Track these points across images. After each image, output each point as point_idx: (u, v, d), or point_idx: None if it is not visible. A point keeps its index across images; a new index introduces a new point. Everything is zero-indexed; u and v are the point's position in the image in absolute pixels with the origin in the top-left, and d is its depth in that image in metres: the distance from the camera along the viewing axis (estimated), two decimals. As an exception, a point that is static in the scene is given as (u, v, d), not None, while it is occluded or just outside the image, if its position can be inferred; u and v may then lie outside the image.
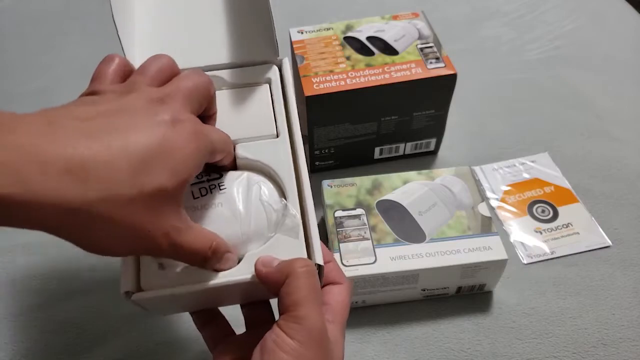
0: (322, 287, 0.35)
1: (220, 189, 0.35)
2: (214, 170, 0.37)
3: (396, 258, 0.51)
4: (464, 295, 0.55)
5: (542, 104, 0.75)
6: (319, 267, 0.33)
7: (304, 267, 0.31)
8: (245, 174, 0.37)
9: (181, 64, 0.34)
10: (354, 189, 0.57)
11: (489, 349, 0.51)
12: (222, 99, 0.40)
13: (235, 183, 0.36)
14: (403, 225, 0.54)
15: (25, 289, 0.58)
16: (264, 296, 0.38)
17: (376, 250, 0.52)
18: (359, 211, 0.55)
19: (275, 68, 0.41)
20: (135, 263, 0.34)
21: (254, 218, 0.35)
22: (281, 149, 0.38)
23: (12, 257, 0.60)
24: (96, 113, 0.27)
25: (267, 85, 0.41)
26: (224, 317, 0.40)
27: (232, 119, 0.38)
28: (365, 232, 0.53)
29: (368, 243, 0.52)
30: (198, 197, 0.35)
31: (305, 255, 0.34)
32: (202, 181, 0.36)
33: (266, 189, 0.36)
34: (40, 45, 0.90)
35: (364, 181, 0.58)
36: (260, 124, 0.39)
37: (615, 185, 0.64)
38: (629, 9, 0.92)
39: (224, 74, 0.41)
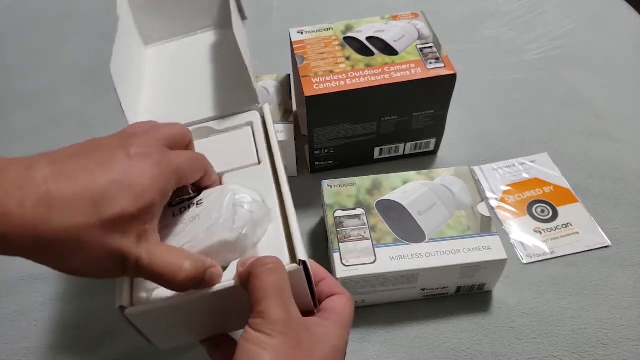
0: (325, 299, 0.37)
1: (198, 205, 0.37)
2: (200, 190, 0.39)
3: (396, 258, 0.51)
4: (464, 295, 0.55)
5: (542, 104, 0.75)
6: (303, 263, 0.35)
7: (264, 265, 0.33)
8: (222, 186, 0.39)
9: (177, 121, 0.40)
10: (353, 189, 0.57)
11: (488, 348, 0.52)
12: (209, 144, 0.45)
13: (212, 196, 0.38)
14: (403, 225, 0.54)
15: (25, 289, 0.58)
16: None
17: (376, 250, 0.52)
18: (359, 211, 0.55)
19: (256, 113, 0.47)
20: (130, 280, 0.36)
21: (230, 222, 0.36)
22: (263, 173, 0.42)
23: (12, 257, 0.60)
24: (71, 153, 0.31)
25: (250, 127, 0.46)
26: (234, 341, 0.39)
27: (218, 157, 0.42)
28: (365, 232, 0.53)
29: (368, 243, 0.52)
30: (177, 215, 0.37)
31: (286, 253, 0.36)
32: (183, 201, 0.38)
33: (240, 193, 0.37)
34: (40, 45, 0.90)
35: (363, 181, 0.58)
36: (243, 156, 0.44)
37: (615, 185, 0.64)
38: (629, 9, 0.92)
39: (213, 124, 0.47)
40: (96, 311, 0.56)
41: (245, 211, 0.36)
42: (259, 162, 0.43)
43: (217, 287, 0.35)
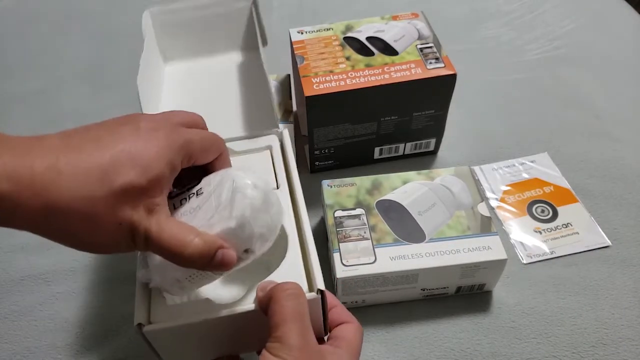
0: (335, 326, 0.37)
1: (198, 195, 0.36)
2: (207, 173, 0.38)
3: (396, 258, 0.51)
4: (464, 295, 0.55)
5: (542, 104, 0.75)
6: (321, 292, 0.36)
7: (285, 290, 0.33)
8: (222, 171, 0.37)
9: None
10: (353, 189, 0.57)
11: (488, 348, 0.52)
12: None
13: (211, 184, 0.36)
14: (403, 225, 0.54)
15: (25, 289, 0.58)
16: None
17: (376, 250, 0.52)
18: (359, 211, 0.55)
19: (275, 137, 0.48)
20: (148, 297, 0.37)
21: (228, 210, 0.34)
22: (281, 197, 0.41)
23: (12, 257, 0.60)
24: (81, 128, 0.31)
25: (269, 151, 0.47)
26: None
27: None
28: (365, 232, 0.53)
29: (368, 243, 0.52)
30: (178, 208, 0.36)
31: (304, 280, 0.37)
32: (182, 192, 0.37)
33: (240, 179, 0.35)
34: (40, 45, 0.90)
35: (363, 181, 0.58)
36: None
37: (615, 185, 0.64)
38: (629, 9, 0.92)
39: (232, 144, 0.47)
40: (96, 311, 0.56)
41: (245, 196, 0.34)
42: (277, 187, 0.44)
43: (236, 309, 0.35)
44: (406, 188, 0.57)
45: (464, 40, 0.85)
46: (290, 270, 0.38)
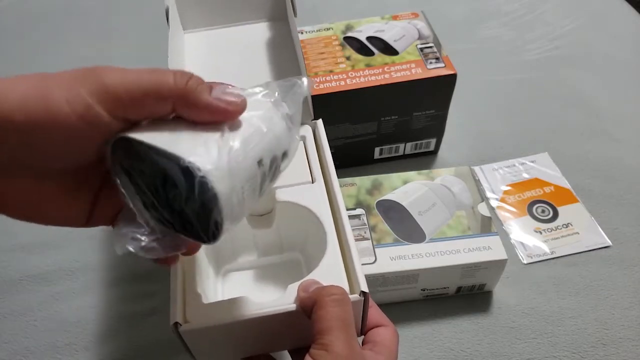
0: (369, 329, 0.37)
1: None
2: None
3: (396, 258, 0.51)
4: (464, 295, 0.55)
5: (542, 104, 0.75)
6: (364, 294, 0.34)
7: (331, 294, 0.32)
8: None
9: None
10: (354, 189, 0.57)
11: (488, 348, 0.51)
12: None
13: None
14: (403, 225, 0.54)
15: (25, 289, 0.58)
16: None
17: (376, 250, 0.52)
18: (359, 211, 0.55)
19: (309, 127, 0.46)
20: (182, 296, 0.36)
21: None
22: (318, 192, 0.41)
23: (12, 257, 0.60)
24: None
25: (302, 142, 0.45)
26: (270, 357, 0.39)
27: None
28: (365, 232, 0.53)
29: (368, 243, 0.52)
30: None
31: (345, 282, 0.35)
32: None
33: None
34: (40, 45, 0.90)
35: (364, 181, 0.58)
36: (296, 173, 0.42)
37: (615, 185, 0.64)
38: (629, 9, 0.92)
39: None
40: (96, 311, 0.56)
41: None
42: (313, 182, 0.42)
43: (276, 309, 0.34)
44: (406, 188, 0.57)
45: (464, 40, 0.85)
46: (331, 270, 0.36)
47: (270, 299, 0.35)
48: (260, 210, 0.44)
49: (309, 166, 0.43)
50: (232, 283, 0.44)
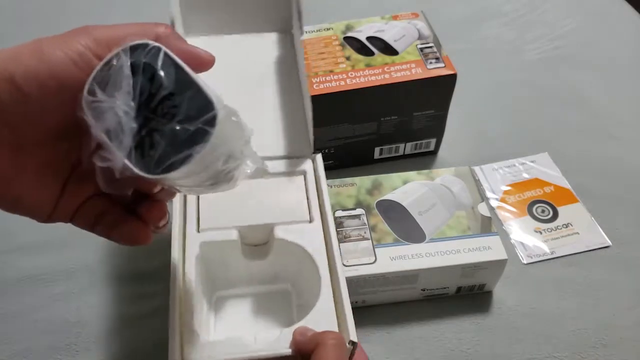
0: None
1: None
2: None
3: (396, 258, 0.51)
4: (464, 295, 0.55)
5: (542, 104, 0.75)
6: (353, 343, 0.36)
7: (332, 339, 0.34)
8: None
9: None
10: (354, 189, 0.57)
11: (488, 349, 0.51)
12: (263, 185, 0.45)
13: None
14: (403, 225, 0.54)
15: (25, 289, 0.58)
16: None
17: (376, 250, 0.52)
18: (359, 211, 0.55)
19: (309, 161, 0.47)
20: (180, 335, 0.37)
21: None
22: (315, 232, 0.42)
23: (12, 257, 0.60)
24: None
25: (302, 177, 0.46)
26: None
27: (271, 203, 0.44)
28: (365, 232, 0.53)
29: (368, 243, 0.52)
30: None
31: (336, 330, 0.37)
32: None
33: None
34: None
35: (364, 181, 0.58)
36: (295, 210, 0.43)
37: (615, 185, 0.64)
38: (629, 9, 0.92)
39: (267, 164, 0.44)
40: (96, 311, 0.55)
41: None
42: (310, 221, 0.43)
43: (272, 352, 0.35)
44: (406, 188, 0.57)
45: (464, 40, 0.85)
46: (324, 317, 0.37)
47: (260, 329, 0.38)
48: (256, 241, 0.44)
49: (308, 204, 0.44)
50: (225, 311, 0.44)
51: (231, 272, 0.45)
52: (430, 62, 0.60)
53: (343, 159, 0.66)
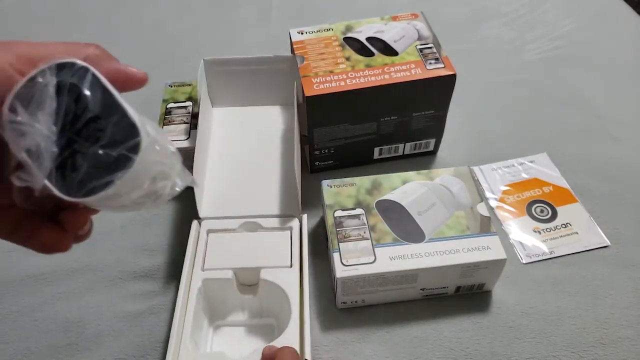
0: None
1: None
2: None
3: (395, 258, 0.51)
4: (463, 294, 0.55)
5: (542, 104, 0.75)
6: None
7: (289, 350, 0.42)
8: None
9: (232, 213, 0.58)
10: (353, 189, 0.57)
11: (488, 348, 0.52)
12: (256, 237, 0.57)
13: None
14: (402, 225, 0.54)
15: (25, 289, 0.58)
16: None
17: (375, 249, 0.52)
18: (359, 211, 0.55)
19: (297, 220, 0.58)
20: (178, 344, 0.46)
21: None
22: (292, 276, 0.53)
23: (12, 257, 0.61)
24: None
25: (289, 232, 0.57)
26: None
27: (260, 251, 0.55)
28: (364, 232, 0.53)
29: (367, 243, 0.52)
30: None
31: (297, 349, 0.46)
32: None
33: None
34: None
35: (363, 181, 0.58)
36: (279, 257, 0.55)
37: (615, 185, 0.65)
38: (629, 10, 0.92)
39: (261, 220, 0.58)
40: (96, 311, 0.56)
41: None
42: (291, 266, 0.54)
43: None
44: (406, 188, 0.57)
45: (464, 40, 0.85)
46: (289, 341, 0.47)
47: (246, 354, 0.48)
48: (247, 281, 0.55)
49: (291, 253, 0.55)
50: (221, 335, 0.54)
51: (229, 305, 0.55)
52: (430, 63, 0.61)
53: (343, 159, 0.66)
